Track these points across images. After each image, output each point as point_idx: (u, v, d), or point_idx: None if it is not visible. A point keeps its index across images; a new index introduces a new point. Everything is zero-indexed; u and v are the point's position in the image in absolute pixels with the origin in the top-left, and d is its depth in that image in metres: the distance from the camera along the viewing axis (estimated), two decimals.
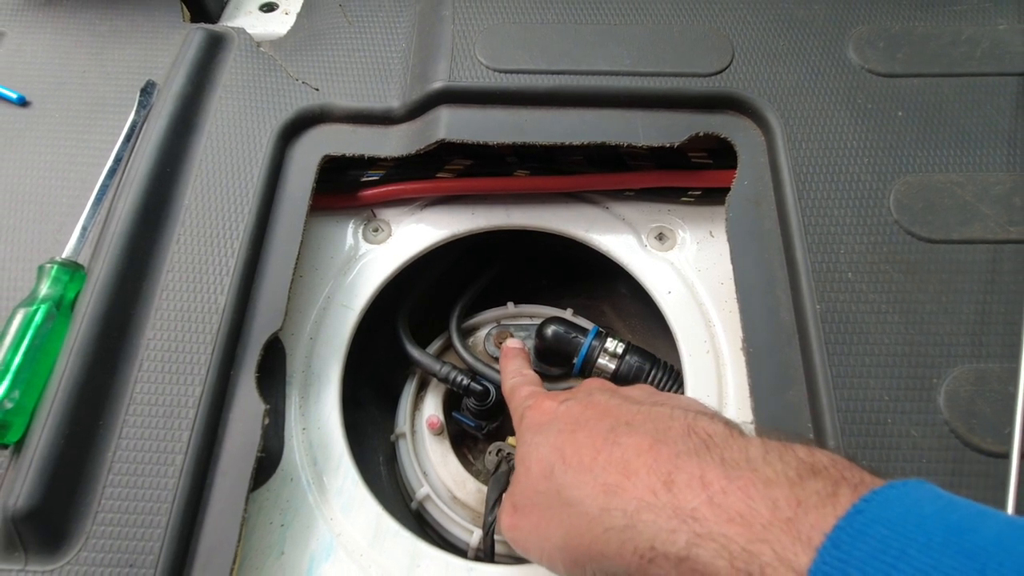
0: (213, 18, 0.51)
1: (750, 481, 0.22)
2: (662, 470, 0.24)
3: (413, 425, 0.44)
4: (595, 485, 0.25)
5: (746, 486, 0.22)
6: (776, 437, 0.24)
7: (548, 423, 0.30)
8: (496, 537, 0.37)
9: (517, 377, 0.38)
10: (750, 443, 0.24)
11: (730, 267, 0.38)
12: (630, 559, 0.23)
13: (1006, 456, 0.31)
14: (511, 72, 0.43)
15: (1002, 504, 0.30)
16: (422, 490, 0.41)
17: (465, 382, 0.42)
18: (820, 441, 0.33)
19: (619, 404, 0.29)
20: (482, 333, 0.48)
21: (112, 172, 0.40)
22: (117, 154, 0.41)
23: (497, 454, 0.41)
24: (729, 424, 0.26)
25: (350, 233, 0.44)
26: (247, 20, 0.52)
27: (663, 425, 0.26)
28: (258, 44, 0.47)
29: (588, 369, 0.43)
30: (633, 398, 0.30)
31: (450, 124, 0.41)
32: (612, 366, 0.42)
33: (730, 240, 0.38)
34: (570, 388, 0.35)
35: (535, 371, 0.45)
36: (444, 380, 0.43)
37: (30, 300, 0.35)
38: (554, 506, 0.27)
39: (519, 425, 0.33)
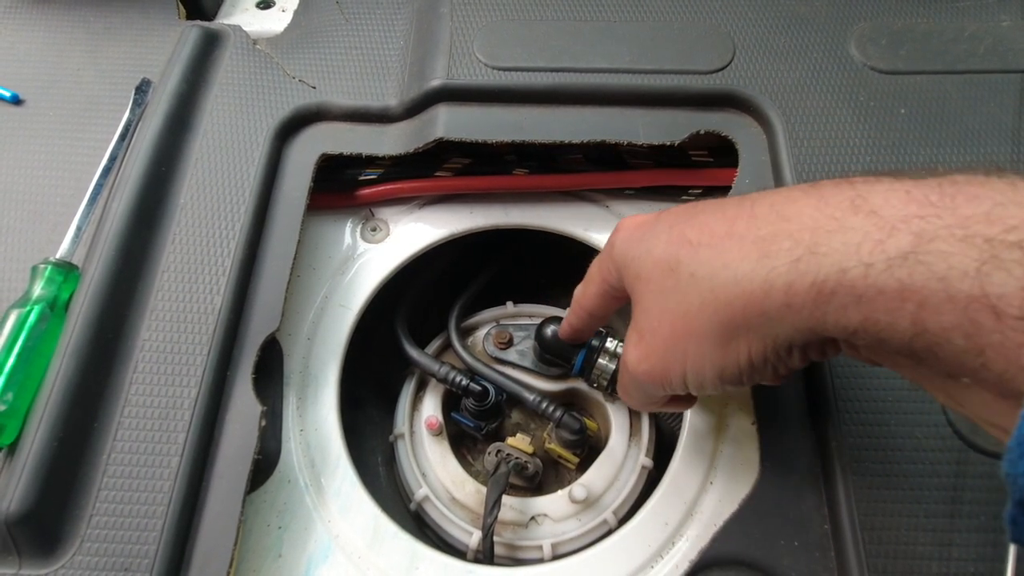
0: (209, 15, 0.51)
1: (972, 190, 0.17)
2: (838, 199, 0.19)
3: (412, 426, 0.44)
4: (742, 248, 0.21)
5: (971, 193, 0.17)
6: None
7: (649, 229, 0.25)
8: (495, 539, 0.37)
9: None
10: (936, 180, 0.18)
11: None
12: (800, 305, 0.19)
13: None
14: (510, 70, 0.42)
15: (1003, 506, 0.29)
16: (421, 491, 0.40)
17: (464, 382, 0.42)
18: (821, 438, 0.33)
19: (731, 203, 0.23)
20: (481, 333, 0.47)
21: (107, 171, 0.40)
22: (112, 153, 0.40)
23: (496, 455, 0.41)
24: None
25: (348, 232, 0.44)
26: (243, 17, 0.52)
27: (807, 185, 0.21)
28: (254, 42, 0.46)
29: (588, 369, 0.43)
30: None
31: (448, 122, 0.41)
32: (612, 366, 0.42)
33: None
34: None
35: (533, 371, 0.44)
36: (443, 380, 0.43)
37: (23, 301, 0.34)
38: (690, 294, 0.22)
39: (614, 239, 0.27)
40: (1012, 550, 0.28)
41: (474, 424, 0.43)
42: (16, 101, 0.43)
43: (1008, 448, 0.16)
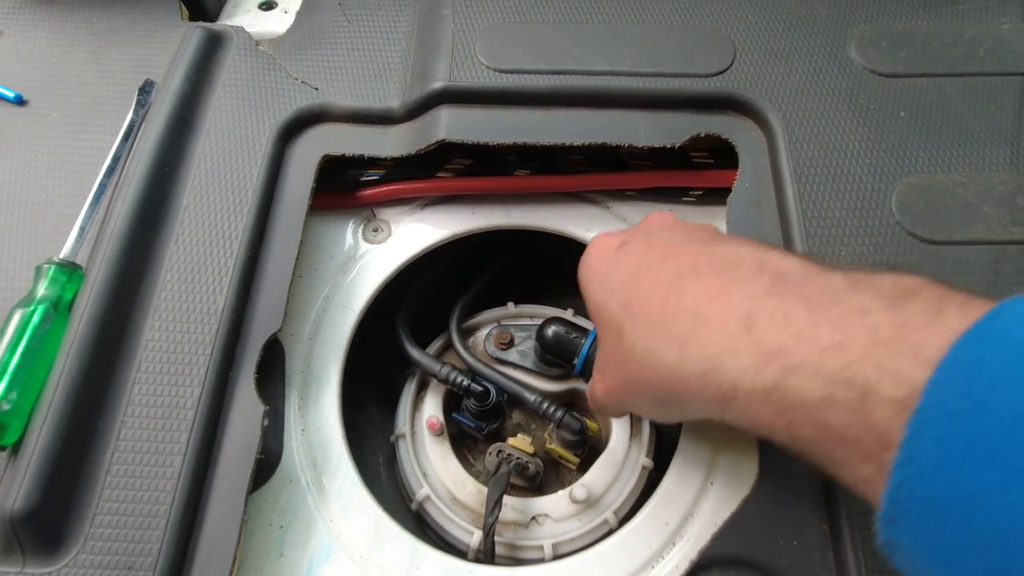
0: (212, 16, 0.51)
1: (841, 312, 0.20)
2: (738, 313, 0.22)
3: (413, 426, 0.44)
4: (668, 337, 0.24)
5: (838, 317, 0.20)
6: (849, 268, 0.23)
7: (608, 271, 0.29)
8: (496, 538, 0.37)
9: None
10: (831, 276, 0.22)
11: None
12: (711, 401, 0.23)
13: None
14: (512, 72, 0.42)
15: None
16: (422, 491, 0.41)
17: (465, 383, 0.42)
18: None
19: (681, 244, 0.27)
20: (482, 333, 0.48)
21: (110, 171, 0.40)
22: (115, 153, 0.40)
23: (497, 455, 0.41)
24: (806, 259, 0.24)
25: (349, 233, 0.44)
26: (246, 18, 0.52)
27: (730, 266, 0.24)
28: (257, 43, 0.46)
29: (589, 370, 0.43)
30: (695, 236, 0.28)
31: (450, 124, 0.41)
32: None
33: None
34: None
35: (534, 371, 0.45)
36: (444, 381, 0.43)
37: (27, 301, 0.35)
38: (631, 362, 0.26)
39: (581, 268, 0.32)
40: None
41: (475, 424, 0.43)
42: (20, 102, 0.43)
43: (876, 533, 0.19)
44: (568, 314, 0.48)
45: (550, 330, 0.43)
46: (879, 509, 0.19)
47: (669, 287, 0.25)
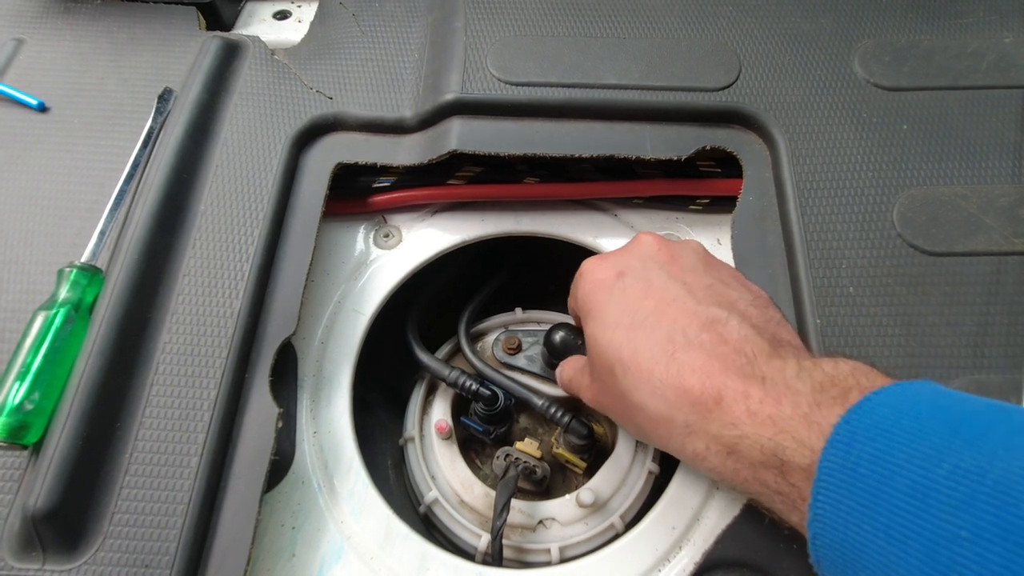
0: (227, 26, 0.52)
1: (782, 393, 0.26)
2: (713, 390, 0.27)
3: (422, 429, 0.45)
4: (656, 396, 0.29)
5: (778, 397, 0.26)
6: (817, 356, 0.29)
7: (605, 307, 0.32)
8: (504, 541, 0.37)
9: None
10: (787, 364, 0.27)
11: None
12: (690, 454, 0.29)
13: None
14: (522, 85, 0.43)
15: None
16: (430, 494, 0.41)
17: (473, 387, 0.43)
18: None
19: (676, 297, 0.31)
20: (490, 338, 0.48)
21: (129, 178, 0.41)
22: (135, 160, 0.41)
23: (505, 459, 0.42)
24: (775, 341, 0.29)
25: (361, 238, 0.45)
26: (261, 27, 0.53)
27: (717, 338, 0.29)
28: (272, 52, 0.47)
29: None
30: (689, 284, 0.32)
31: (462, 135, 0.42)
32: None
33: (735, 257, 0.39)
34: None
35: (542, 376, 0.45)
36: (453, 385, 0.43)
37: (49, 303, 0.35)
38: (621, 400, 0.31)
39: (577, 292, 0.36)
40: None
41: (483, 428, 0.44)
42: (42, 109, 0.44)
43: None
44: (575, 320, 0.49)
45: (557, 335, 0.44)
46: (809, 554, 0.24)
47: (663, 350, 0.29)
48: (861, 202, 0.39)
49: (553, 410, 0.42)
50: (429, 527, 0.42)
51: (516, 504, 0.39)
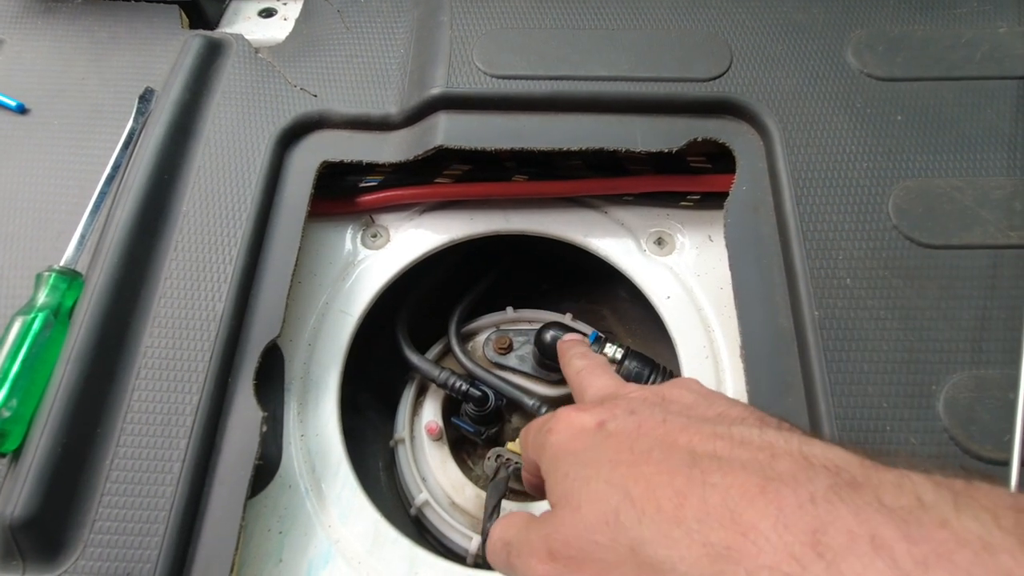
0: (212, 24, 0.51)
1: (954, 545, 0.15)
2: (799, 524, 0.16)
3: (412, 431, 0.44)
4: (692, 544, 0.18)
5: (949, 552, 0.15)
6: (907, 464, 0.18)
7: (587, 450, 0.23)
8: None
9: (581, 360, 0.32)
10: (903, 477, 0.17)
11: (729, 272, 0.38)
12: None
13: (1006, 463, 0.31)
14: (509, 78, 0.43)
15: None
16: (421, 496, 0.41)
17: (464, 387, 0.42)
18: None
19: (683, 424, 0.22)
20: (481, 338, 0.48)
21: (110, 179, 0.40)
22: (115, 161, 0.41)
23: (496, 459, 0.41)
24: (847, 446, 0.19)
25: (348, 239, 0.44)
26: (246, 26, 0.52)
27: (763, 454, 0.19)
28: (256, 50, 0.47)
29: None
30: (693, 412, 0.23)
31: (448, 130, 0.41)
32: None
33: (728, 247, 0.38)
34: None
35: (533, 376, 0.45)
36: (443, 385, 0.43)
37: (28, 308, 0.35)
38: (625, 565, 0.19)
39: (543, 445, 0.25)
40: None
41: (474, 429, 0.43)
42: (21, 110, 0.44)
43: None
44: (567, 319, 0.48)
45: (549, 335, 0.43)
46: None
47: (687, 477, 0.19)
48: (856, 193, 0.38)
49: (544, 410, 0.41)
50: (420, 530, 0.42)
51: (507, 505, 0.39)
